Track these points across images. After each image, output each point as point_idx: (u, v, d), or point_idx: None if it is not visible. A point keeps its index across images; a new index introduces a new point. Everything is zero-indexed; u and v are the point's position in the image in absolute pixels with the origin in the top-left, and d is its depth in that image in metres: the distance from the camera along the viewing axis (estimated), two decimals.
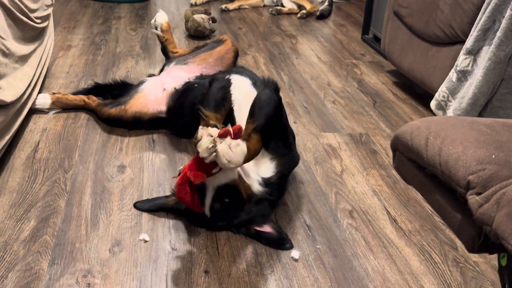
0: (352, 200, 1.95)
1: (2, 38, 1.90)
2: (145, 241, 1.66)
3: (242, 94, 1.91)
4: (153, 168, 2.06)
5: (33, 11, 2.30)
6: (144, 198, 1.87)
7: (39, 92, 2.44)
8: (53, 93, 2.44)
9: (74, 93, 2.52)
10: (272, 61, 3.36)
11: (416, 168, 0.91)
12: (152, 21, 2.77)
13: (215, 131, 1.51)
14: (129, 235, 1.68)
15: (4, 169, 1.96)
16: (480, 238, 0.77)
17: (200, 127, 1.55)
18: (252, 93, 1.89)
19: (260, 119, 1.65)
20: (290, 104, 2.74)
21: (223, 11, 4.50)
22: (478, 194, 0.76)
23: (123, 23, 3.88)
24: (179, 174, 1.58)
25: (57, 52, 3.14)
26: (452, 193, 0.82)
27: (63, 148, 2.14)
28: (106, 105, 2.33)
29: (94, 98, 2.42)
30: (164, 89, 2.31)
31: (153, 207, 1.81)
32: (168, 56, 2.71)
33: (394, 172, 2.15)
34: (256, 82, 1.99)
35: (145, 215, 1.78)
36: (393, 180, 2.08)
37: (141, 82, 2.41)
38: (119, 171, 2.02)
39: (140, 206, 1.82)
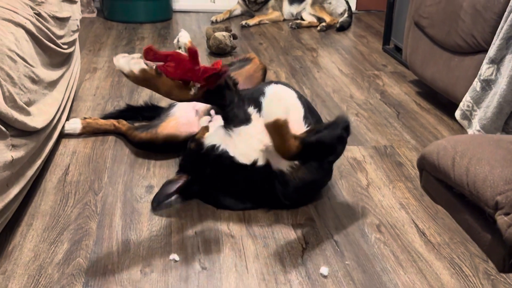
0: (379, 214, 1.95)
1: (31, 66, 1.96)
2: (175, 261, 1.68)
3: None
4: None
5: (60, 37, 2.37)
6: (173, 218, 1.90)
7: (68, 116, 2.50)
8: (84, 118, 2.48)
9: (104, 117, 2.57)
10: (294, 75, 3.38)
11: (444, 187, 0.91)
12: (175, 41, 2.75)
13: None
14: (159, 255, 1.71)
15: (37, 193, 2.02)
16: (511, 258, 0.77)
17: None
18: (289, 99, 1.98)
19: (313, 137, 1.74)
20: None
21: (243, 27, 4.55)
22: (507, 214, 0.76)
23: (147, 43, 3.94)
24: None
25: (84, 74, 3.21)
26: (481, 213, 0.82)
27: (92, 170, 2.19)
28: (137, 129, 2.35)
29: (124, 122, 2.46)
30: (196, 110, 2.30)
31: (167, 197, 1.94)
32: None
33: None
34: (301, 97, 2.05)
35: (174, 235, 1.81)
36: (420, 193, 2.07)
37: (171, 105, 2.41)
38: (147, 192, 2.06)
39: (156, 205, 1.94)
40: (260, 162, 1.88)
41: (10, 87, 1.70)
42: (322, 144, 1.77)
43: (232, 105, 1.92)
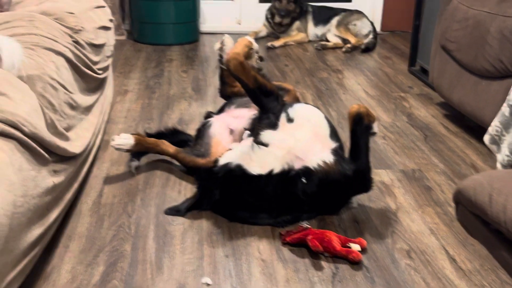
0: (409, 239, 1.96)
1: (70, 92, 2.04)
2: (208, 285, 1.72)
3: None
4: None
5: (96, 63, 2.45)
6: (205, 241, 1.94)
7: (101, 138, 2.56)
8: (134, 134, 2.38)
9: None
10: (320, 97, 3.42)
11: (480, 222, 0.93)
12: (217, 46, 2.53)
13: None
14: (192, 278, 1.74)
15: (73, 215, 2.08)
16: None
17: None
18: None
19: (359, 157, 2.04)
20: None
21: (269, 48, 4.61)
22: None
23: (175, 66, 4.04)
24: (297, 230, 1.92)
25: (115, 97, 3.29)
26: None
27: (126, 193, 2.25)
28: (188, 153, 2.35)
29: (168, 143, 2.43)
30: (231, 129, 2.34)
31: (177, 213, 2.10)
32: (225, 89, 2.56)
33: (450, 209, 2.15)
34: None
35: (206, 258, 1.84)
36: (450, 218, 2.08)
37: (206, 125, 2.39)
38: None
39: (174, 213, 2.10)
40: (277, 170, 1.97)
41: (51, 114, 1.78)
42: (362, 145, 2.04)
43: (271, 111, 2.09)
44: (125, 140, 2.33)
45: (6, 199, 1.26)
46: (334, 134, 2.09)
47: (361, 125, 2.01)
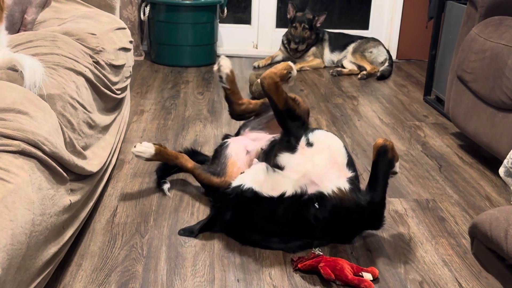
0: (422, 270, 1.94)
1: (89, 112, 2.07)
2: None
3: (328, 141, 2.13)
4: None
5: (115, 83, 2.49)
6: (216, 264, 1.94)
7: (117, 158, 2.59)
8: (155, 144, 2.39)
9: None
10: (335, 123, 3.43)
11: (496, 258, 0.93)
12: (215, 68, 2.57)
13: None
14: None
15: (86, 233, 2.09)
16: None
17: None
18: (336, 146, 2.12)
19: (375, 189, 2.03)
20: None
21: None
22: None
23: (191, 87, 4.08)
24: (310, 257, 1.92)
25: (132, 116, 3.33)
26: None
27: (139, 213, 2.26)
28: (204, 170, 2.37)
29: (187, 157, 2.45)
30: (247, 151, 2.36)
31: (190, 234, 2.12)
32: (233, 108, 2.58)
33: (464, 241, 2.13)
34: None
35: (217, 282, 1.84)
36: (463, 250, 2.06)
37: (224, 146, 2.42)
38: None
39: (188, 234, 2.12)
40: (288, 193, 1.98)
41: (70, 133, 1.80)
42: (381, 178, 2.05)
43: (293, 135, 2.10)
44: (146, 148, 2.36)
45: (26, 218, 1.28)
46: (351, 164, 2.09)
47: (384, 158, 2.02)
